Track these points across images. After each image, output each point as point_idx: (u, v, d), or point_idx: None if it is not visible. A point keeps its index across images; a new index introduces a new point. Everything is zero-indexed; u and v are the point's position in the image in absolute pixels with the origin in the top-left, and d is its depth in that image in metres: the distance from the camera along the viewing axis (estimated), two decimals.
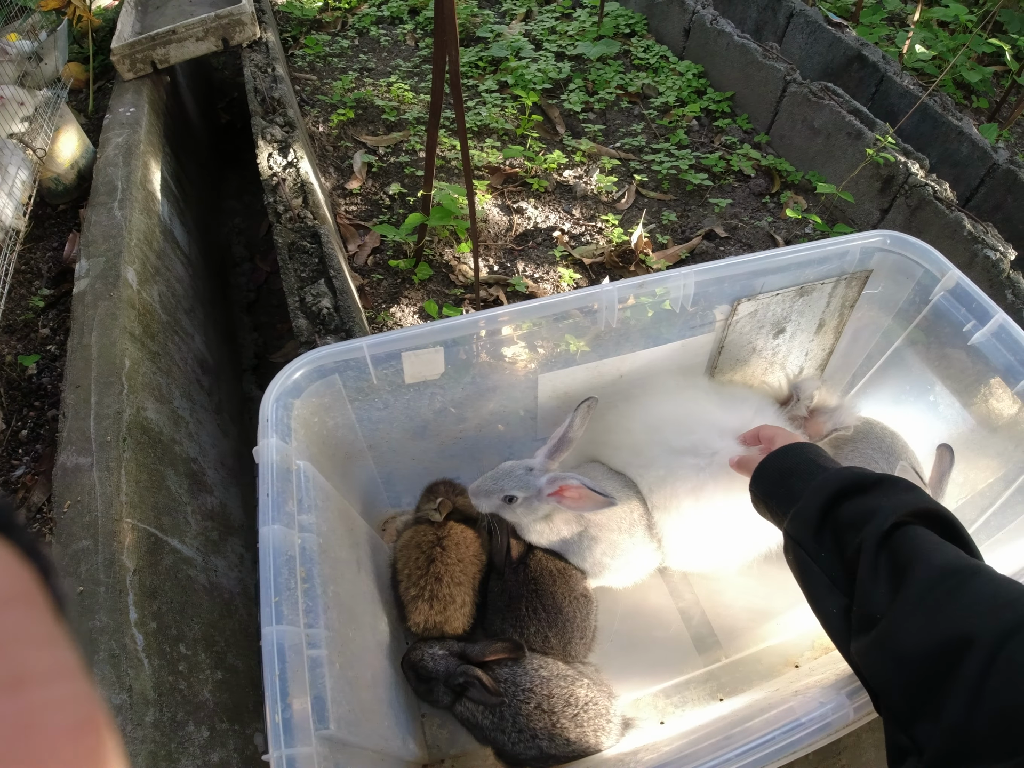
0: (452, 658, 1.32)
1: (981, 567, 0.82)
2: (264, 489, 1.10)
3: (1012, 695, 0.66)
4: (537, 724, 1.25)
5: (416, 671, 1.32)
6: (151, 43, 2.44)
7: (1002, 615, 0.73)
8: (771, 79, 2.79)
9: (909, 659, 0.78)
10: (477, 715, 1.30)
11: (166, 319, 1.91)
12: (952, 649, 0.73)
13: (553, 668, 1.31)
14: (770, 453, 1.16)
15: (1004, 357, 1.40)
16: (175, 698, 1.20)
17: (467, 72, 3.14)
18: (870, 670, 0.86)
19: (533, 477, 1.34)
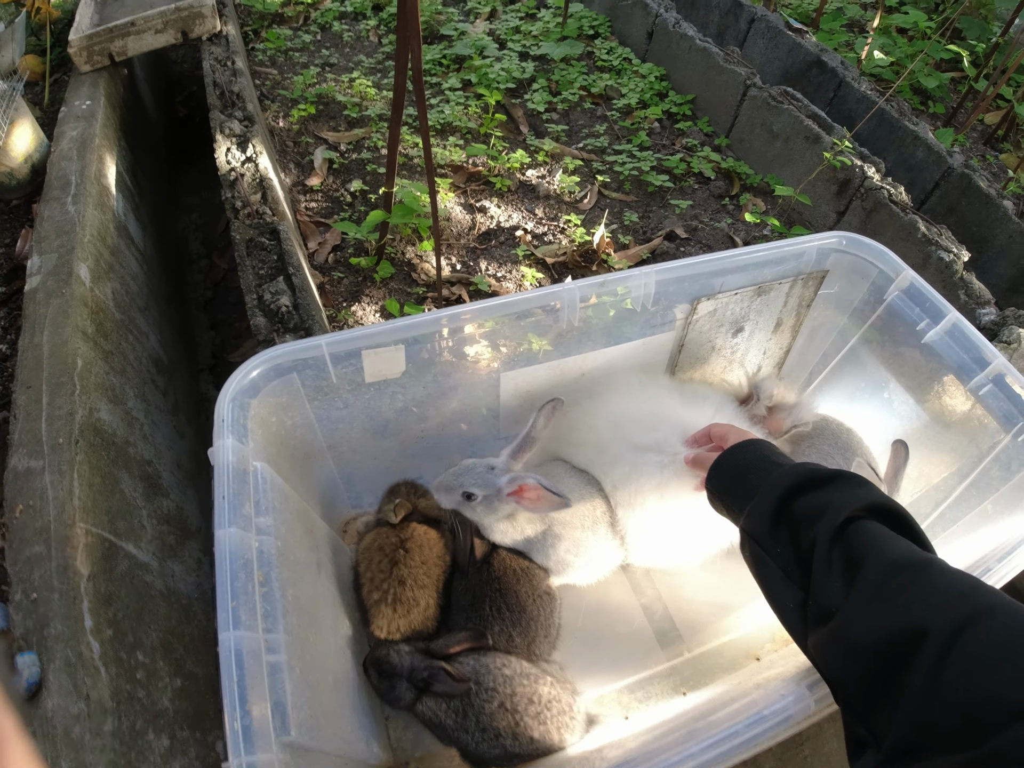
0: (417, 654, 1.31)
1: (933, 560, 0.83)
2: (219, 491, 1.07)
3: (967, 687, 0.67)
4: (500, 723, 1.25)
5: (379, 668, 1.31)
6: (109, 35, 2.38)
7: (955, 607, 0.73)
8: (732, 83, 2.83)
9: (864, 652, 0.78)
10: (440, 714, 1.29)
11: (120, 317, 1.86)
12: (906, 642, 0.74)
13: (516, 667, 1.31)
14: (725, 450, 1.17)
15: (957, 355, 1.44)
16: (134, 706, 1.17)
17: (430, 70, 3.12)
18: (827, 663, 0.87)
19: (494, 476, 1.33)
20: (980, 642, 0.69)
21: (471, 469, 1.36)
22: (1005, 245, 2.47)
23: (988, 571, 1.15)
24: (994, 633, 0.70)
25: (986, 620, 0.71)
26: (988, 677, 0.66)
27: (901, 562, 0.82)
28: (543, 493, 1.28)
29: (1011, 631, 0.69)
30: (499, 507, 1.35)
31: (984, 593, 0.76)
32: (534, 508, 1.32)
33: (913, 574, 0.80)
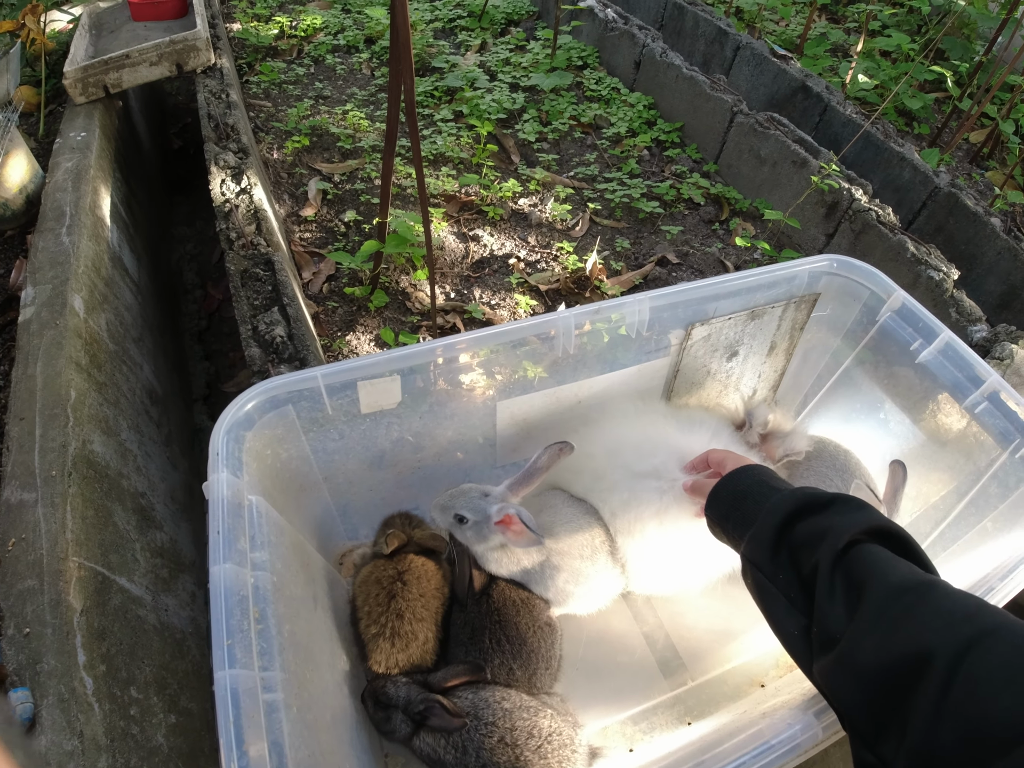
0: (414, 686, 1.29)
1: (936, 582, 0.83)
2: (214, 526, 1.06)
3: (975, 709, 0.66)
4: (501, 758, 1.22)
5: (375, 698, 1.29)
6: (104, 67, 2.41)
7: (960, 629, 0.73)
8: (719, 110, 2.88)
9: (870, 677, 0.78)
10: (439, 750, 1.26)
11: (114, 348, 1.86)
12: (912, 666, 0.73)
13: (516, 700, 1.29)
14: (723, 477, 1.16)
15: (951, 374, 1.45)
16: (128, 743, 1.15)
17: (423, 101, 3.16)
18: (833, 690, 0.86)
19: (486, 503, 1.33)
20: (985, 664, 0.69)
21: (466, 493, 1.36)
22: (994, 262, 2.50)
23: (991, 590, 1.15)
24: (999, 654, 0.69)
25: (991, 641, 0.70)
26: (994, 699, 0.66)
27: (904, 585, 0.82)
28: (523, 528, 1.28)
29: (1016, 652, 0.69)
30: (488, 535, 1.34)
31: (988, 614, 0.75)
32: (516, 541, 1.32)
33: (916, 597, 0.80)
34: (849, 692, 0.81)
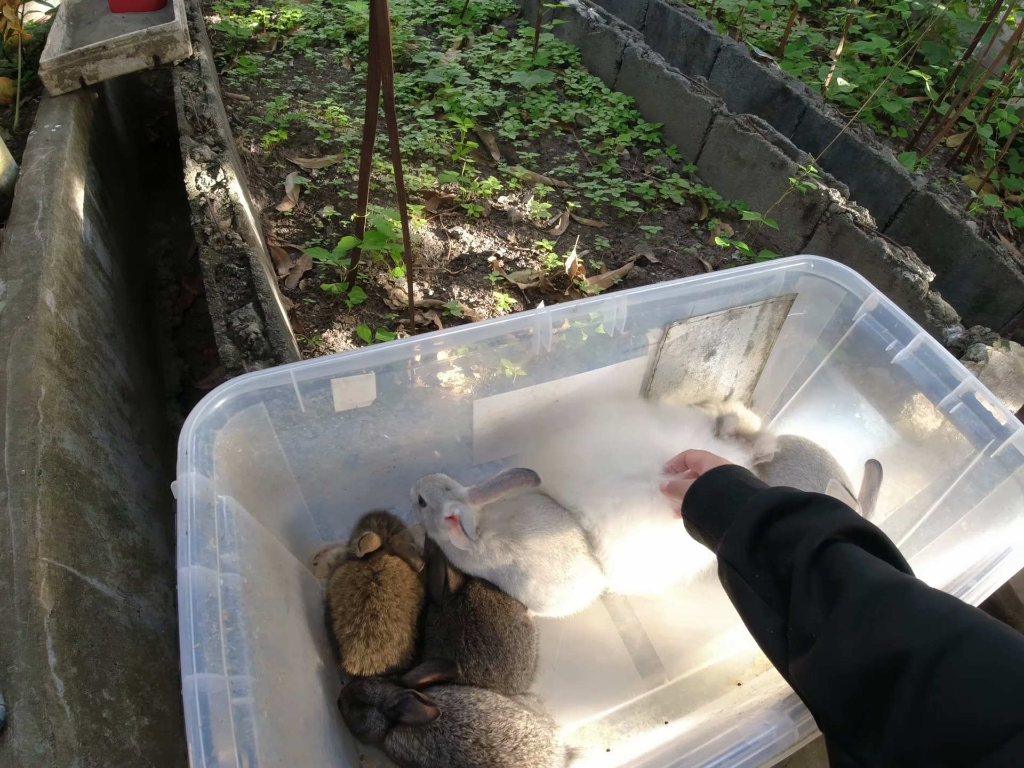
0: (390, 684, 1.28)
1: (913, 582, 0.82)
2: (183, 527, 1.04)
3: (951, 710, 0.66)
4: (476, 759, 1.21)
5: (352, 697, 1.28)
6: (80, 58, 2.36)
7: (936, 629, 0.73)
8: (699, 111, 2.89)
9: (847, 678, 0.77)
10: (413, 752, 1.25)
11: (85, 344, 1.82)
12: (889, 666, 0.73)
13: (491, 701, 1.28)
14: (699, 478, 1.16)
15: (927, 374, 1.46)
16: (100, 746, 1.13)
17: (403, 97, 3.14)
18: (809, 691, 0.85)
19: (443, 496, 1.35)
20: (962, 665, 0.68)
21: (433, 481, 1.39)
22: (969, 264, 2.53)
23: (967, 589, 1.16)
24: (976, 655, 0.69)
25: (968, 642, 0.70)
26: (971, 700, 0.65)
27: (880, 585, 0.81)
28: (459, 531, 1.31)
29: (993, 652, 0.69)
30: (439, 527, 1.36)
31: (965, 614, 0.75)
32: (456, 540, 1.34)
33: (893, 597, 0.79)
34: (826, 693, 0.81)
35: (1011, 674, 0.66)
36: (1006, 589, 2.43)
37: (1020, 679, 0.65)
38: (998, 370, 2.08)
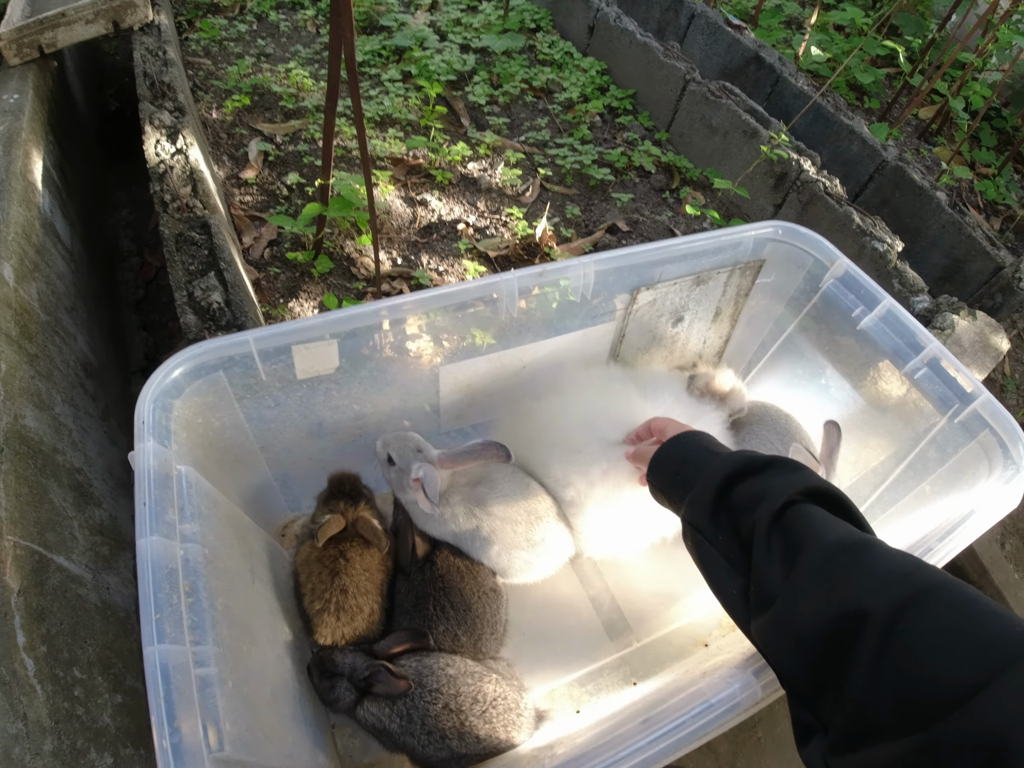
0: (360, 654, 1.28)
1: (872, 541, 0.82)
2: (140, 498, 1.03)
3: (910, 668, 0.66)
4: (446, 724, 1.22)
5: (321, 667, 1.28)
6: (39, 27, 2.28)
7: (896, 588, 0.72)
8: (672, 78, 2.85)
9: (806, 637, 0.77)
10: (384, 720, 1.25)
11: (46, 319, 1.77)
12: (848, 625, 0.73)
13: (460, 666, 1.28)
14: (664, 444, 1.17)
15: (892, 340, 1.47)
16: (73, 724, 1.13)
17: (370, 61, 3.06)
18: (770, 649, 0.86)
19: (413, 456, 1.34)
20: (922, 623, 0.68)
21: (402, 439, 1.38)
22: (938, 235, 2.55)
23: (929, 551, 1.17)
24: (936, 613, 0.68)
25: (927, 600, 0.70)
26: (931, 658, 0.65)
27: (840, 545, 0.82)
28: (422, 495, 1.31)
29: (953, 610, 0.68)
30: (406, 487, 1.36)
31: (925, 573, 0.74)
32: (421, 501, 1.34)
33: (852, 556, 0.79)
34: (786, 651, 0.82)
35: (972, 633, 0.66)
36: (970, 553, 2.50)
37: (981, 638, 0.65)
38: (964, 339, 2.11)
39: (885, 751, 0.65)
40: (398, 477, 1.37)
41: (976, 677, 0.61)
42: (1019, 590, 2.55)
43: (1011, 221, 3.07)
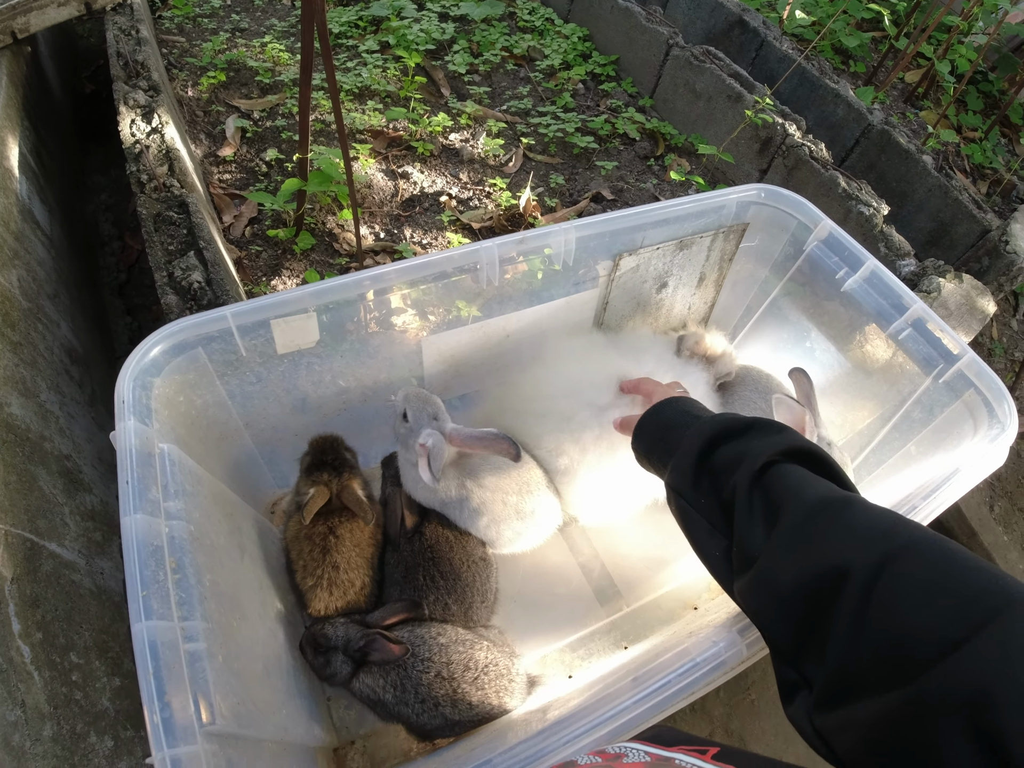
0: (353, 625, 1.28)
1: (853, 499, 0.82)
2: (123, 476, 1.02)
3: (892, 624, 0.65)
4: (439, 692, 1.24)
5: (315, 643, 1.28)
6: (12, 12, 2.24)
7: (876, 544, 0.72)
8: (654, 43, 2.81)
9: (788, 595, 0.77)
10: (378, 691, 1.27)
11: (27, 306, 1.75)
12: (829, 582, 0.72)
13: (451, 634, 1.29)
14: (647, 411, 1.16)
15: (876, 302, 1.46)
16: (72, 709, 1.14)
17: (347, 32, 2.99)
18: (753, 608, 0.86)
19: (426, 423, 1.32)
20: (903, 578, 0.68)
21: (425, 401, 1.36)
22: (924, 199, 2.54)
23: (914, 508, 1.18)
24: (918, 568, 0.68)
25: (908, 556, 0.69)
26: (912, 614, 0.65)
27: (820, 503, 0.81)
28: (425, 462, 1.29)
29: (934, 566, 0.68)
30: (409, 448, 1.35)
31: (906, 528, 0.74)
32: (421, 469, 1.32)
33: (833, 514, 0.79)
34: (768, 610, 0.81)
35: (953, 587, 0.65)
36: (959, 515, 2.52)
37: (962, 592, 0.64)
38: (951, 302, 2.11)
39: (868, 707, 0.65)
40: (406, 434, 1.36)
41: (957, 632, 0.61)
42: (1008, 551, 2.58)
43: (998, 185, 3.05)
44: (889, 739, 0.63)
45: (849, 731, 0.68)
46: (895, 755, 0.63)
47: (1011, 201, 3.02)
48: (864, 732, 0.66)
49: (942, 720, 0.58)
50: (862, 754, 0.67)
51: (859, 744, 0.67)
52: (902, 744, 0.62)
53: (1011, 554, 2.59)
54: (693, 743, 0.72)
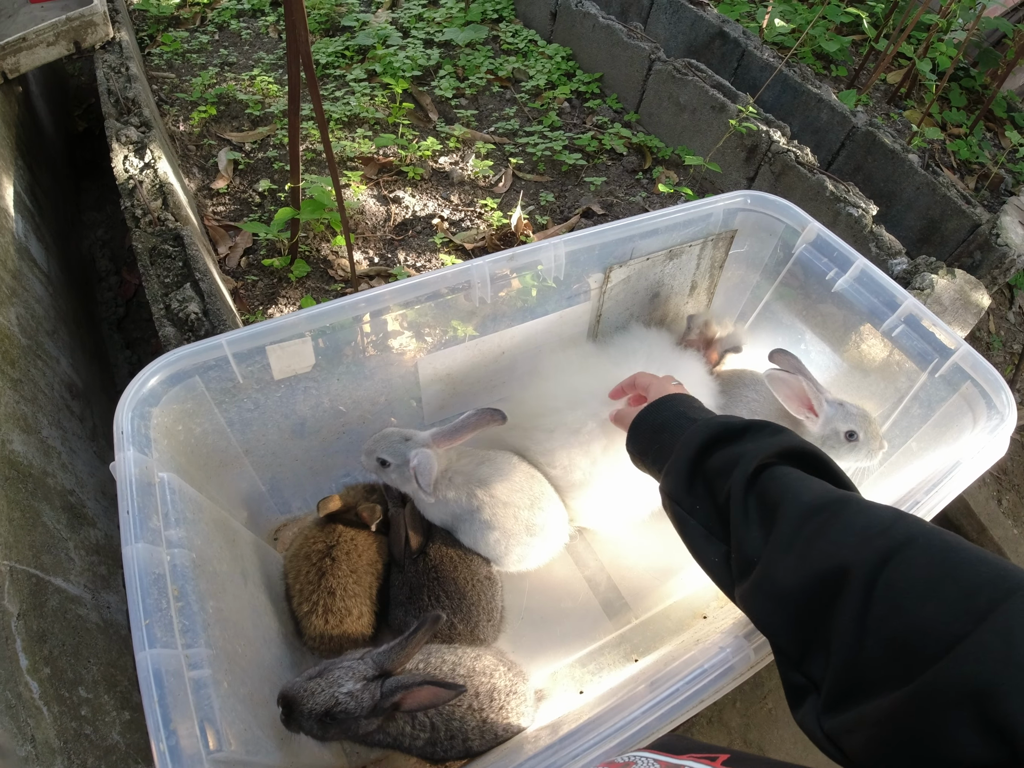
0: (371, 684, 1.08)
1: (850, 498, 0.81)
2: (124, 506, 1.02)
3: (896, 621, 0.65)
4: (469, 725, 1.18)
5: (334, 719, 1.06)
6: (1, 53, 2.27)
7: (876, 542, 0.72)
8: (637, 58, 2.85)
9: (789, 598, 0.77)
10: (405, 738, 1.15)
11: (26, 343, 1.77)
12: (831, 583, 0.72)
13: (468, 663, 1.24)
14: (641, 410, 1.15)
15: (868, 300, 1.47)
16: (82, 744, 1.13)
17: (334, 62, 3.05)
18: (755, 613, 0.85)
19: (405, 447, 1.31)
20: (904, 575, 0.68)
21: (386, 436, 1.34)
22: (913, 197, 2.56)
23: (916, 504, 1.17)
24: (917, 564, 0.68)
25: (908, 552, 0.69)
26: (915, 609, 0.65)
27: (817, 503, 0.81)
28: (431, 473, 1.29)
29: (933, 560, 0.68)
30: (408, 479, 1.33)
31: (904, 524, 0.74)
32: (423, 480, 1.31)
33: (830, 514, 0.79)
34: (770, 614, 0.81)
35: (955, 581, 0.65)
36: (967, 511, 2.51)
37: (964, 585, 0.64)
38: (944, 297, 2.11)
39: (876, 707, 0.65)
40: (399, 474, 1.34)
41: (961, 624, 0.61)
42: (1019, 545, 2.56)
43: (986, 179, 3.07)
44: (898, 736, 0.62)
45: (859, 731, 0.67)
46: (905, 752, 0.62)
47: (1000, 194, 3.03)
48: (874, 731, 0.65)
49: (950, 713, 0.58)
50: (872, 753, 0.66)
51: (869, 743, 0.66)
52: (912, 740, 0.61)
53: (1022, 547, 2.57)
54: (703, 750, 0.71)
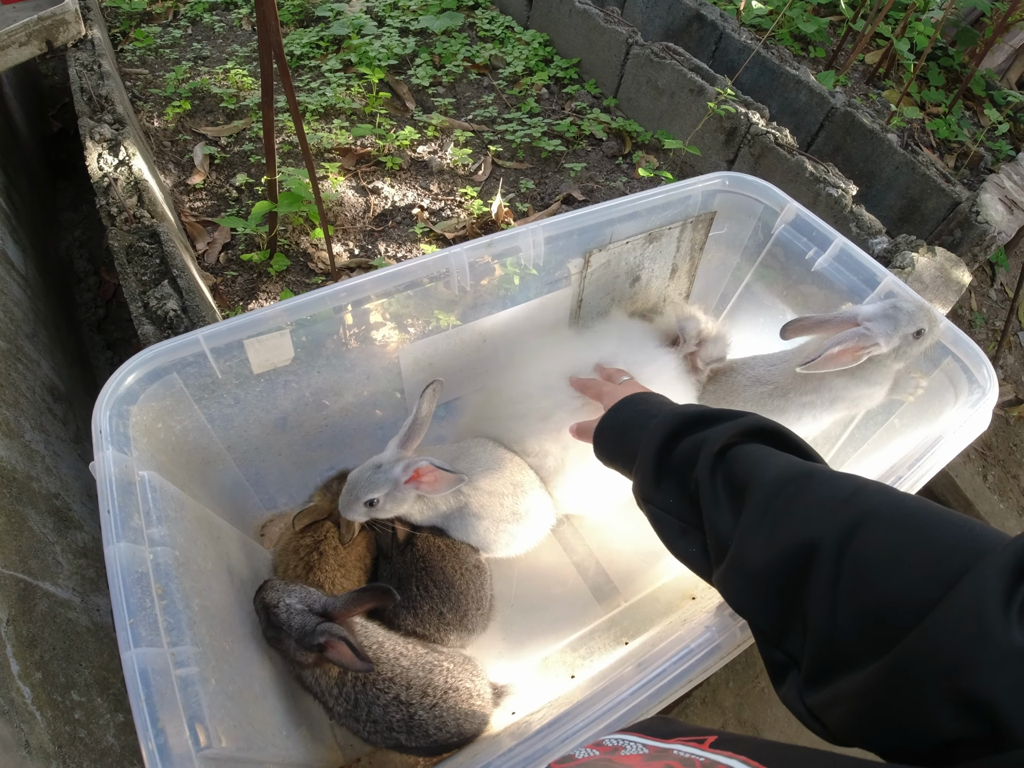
0: (310, 615, 1.14)
1: (813, 470, 0.81)
2: (104, 505, 1.01)
3: (866, 593, 0.65)
4: (394, 716, 1.17)
5: (267, 615, 1.17)
6: None
7: (841, 514, 0.71)
8: (614, 43, 2.83)
9: (762, 578, 0.77)
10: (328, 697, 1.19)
11: (6, 347, 1.75)
12: (800, 558, 0.72)
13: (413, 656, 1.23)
14: (603, 416, 1.13)
15: (847, 278, 1.47)
16: (77, 748, 1.13)
17: (309, 53, 3.01)
18: (731, 595, 0.85)
19: (383, 473, 1.26)
20: (870, 545, 0.67)
21: (358, 480, 1.28)
22: (892, 177, 2.57)
23: (900, 478, 1.17)
24: (883, 534, 0.68)
25: (873, 522, 0.69)
26: (884, 579, 0.64)
27: (782, 478, 0.80)
28: (439, 474, 1.25)
29: (900, 528, 0.67)
30: (403, 497, 1.29)
31: (868, 493, 0.73)
32: (434, 490, 1.28)
33: (795, 489, 0.78)
34: (746, 594, 0.81)
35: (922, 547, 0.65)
36: (953, 488, 2.53)
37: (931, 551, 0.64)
38: (925, 275, 2.12)
39: (853, 681, 0.65)
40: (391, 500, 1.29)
41: (931, 592, 0.61)
42: (1006, 519, 2.59)
43: (965, 157, 3.08)
44: (877, 711, 0.62)
45: (839, 706, 0.67)
46: (885, 726, 0.62)
47: (979, 172, 3.05)
48: (853, 705, 0.65)
49: (923, 687, 0.58)
50: (854, 728, 0.67)
51: (850, 718, 0.66)
52: (890, 714, 0.61)
53: (1009, 521, 2.60)
54: (691, 733, 0.71)
